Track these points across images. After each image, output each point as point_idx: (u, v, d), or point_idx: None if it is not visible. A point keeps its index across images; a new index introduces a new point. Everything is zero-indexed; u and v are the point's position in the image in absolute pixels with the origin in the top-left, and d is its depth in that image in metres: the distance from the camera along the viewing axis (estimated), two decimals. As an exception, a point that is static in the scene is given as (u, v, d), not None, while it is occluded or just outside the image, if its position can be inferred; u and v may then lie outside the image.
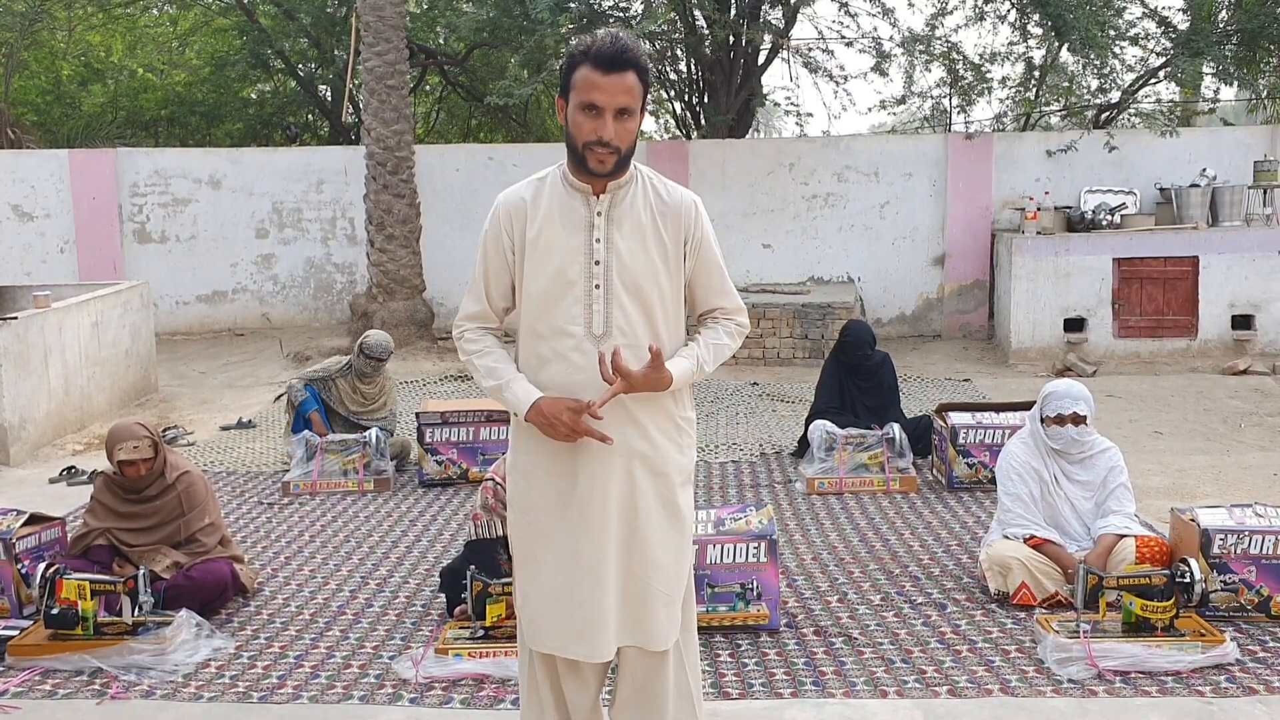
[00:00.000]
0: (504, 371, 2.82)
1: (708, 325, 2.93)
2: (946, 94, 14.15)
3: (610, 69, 2.61)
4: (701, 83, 14.71)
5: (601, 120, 2.63)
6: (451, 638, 4.15)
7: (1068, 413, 4.63)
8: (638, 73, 2.65)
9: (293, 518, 6.11)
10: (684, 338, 2.90)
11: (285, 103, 18.48)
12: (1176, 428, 7.91)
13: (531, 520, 2.86)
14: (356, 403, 7.05)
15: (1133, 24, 12.52)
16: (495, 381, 2.82)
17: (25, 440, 7.44)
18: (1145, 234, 10.54)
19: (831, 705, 3.73)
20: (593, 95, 2.62)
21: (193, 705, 3.83)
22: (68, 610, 4.15)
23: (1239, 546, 4.32)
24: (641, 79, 2.67)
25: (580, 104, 2.65)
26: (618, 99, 2.63)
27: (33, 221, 13.07)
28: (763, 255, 12.66)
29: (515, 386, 2.78)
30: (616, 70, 2.62)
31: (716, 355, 2.89)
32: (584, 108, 2.65)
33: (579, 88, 2.65)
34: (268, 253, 13.31)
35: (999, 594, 4.58)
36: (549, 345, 2.79)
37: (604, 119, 2.63)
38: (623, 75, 2.62)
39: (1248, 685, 3.78)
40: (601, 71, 2.62)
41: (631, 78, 2.64)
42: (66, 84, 17.70)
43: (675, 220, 2.82)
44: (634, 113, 2.67)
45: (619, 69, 2.62)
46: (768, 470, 6.94)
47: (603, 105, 2.63)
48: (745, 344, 10.50)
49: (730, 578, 4.30)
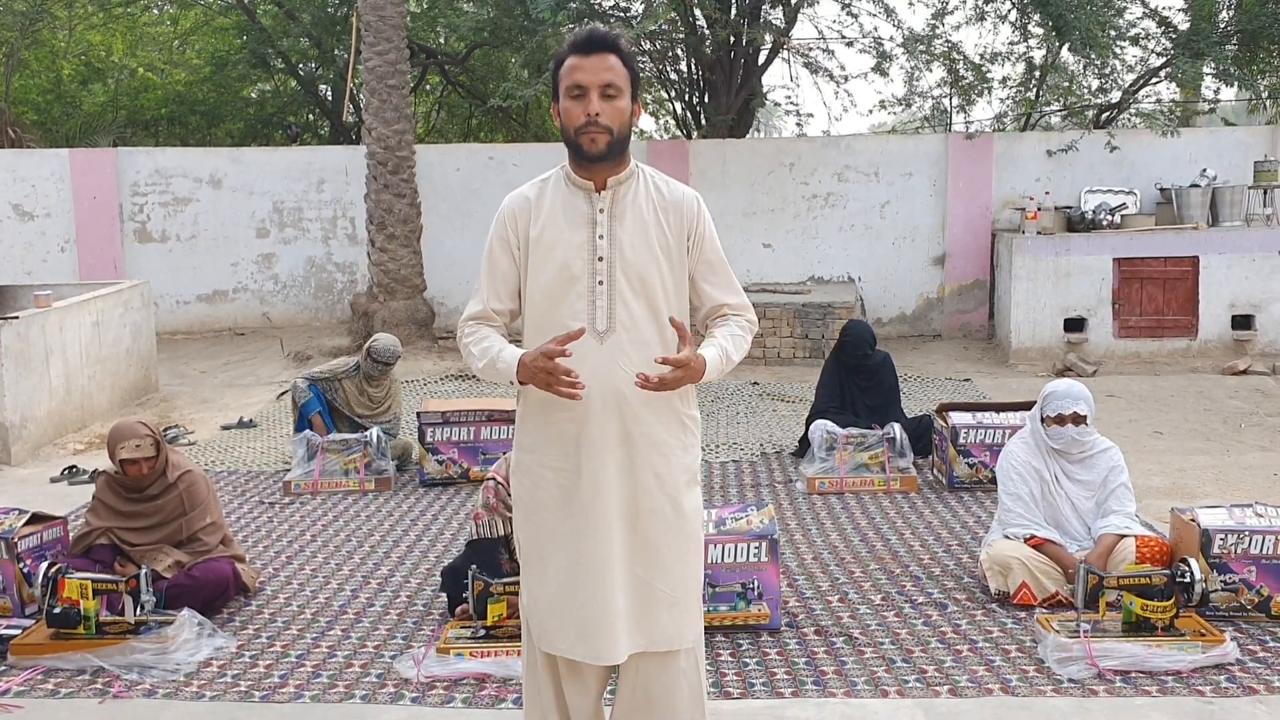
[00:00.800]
0: (493, 347, 2.79)
1: (718, 323, 2.92)
2: (947, 94, 14.15)
3: (589, 51, 2.71)
4: (702, 82, 14.72)
5: (588, 99, 2.69)
6: (453, 637, 4.15)
7: (1068, 412, 4.63)
8: (619, 55, 2.72)
9: (294, 517, 6.12)
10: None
11: (286, 102, 18.48)
12: (1177, 428, 7.91)
13: (537, 520, 2.86)
14: (363, 405, 7.04)
15: (1133, 24, 12.53)
16: (486, 359, 2.79)
17: (26, 439, 7.44)
18: (1145, 234, 10.54)
19: (832, 705, 3.73)
20: (576, 76, 2.70)
21: (194, 704, 3.84)
22: (70, 609, 4.16)
23: (1239, 546, 4.33)
24: (624, 62, 2.73)
25: (567, 90, 2.72)
26: (601, 76, 2.69)
27: (33, 221, 13.07)
28: (763, 255, 12.67)
29: (503, 355, 2.76)
30: (596, 51, 2.70)
31: (737, 347, 2.87)
32: (570, 93, 2.71)
33: (565, 76, 2.73)
34: (268, 252, 13.31)
35: (999, 594, 4.59)
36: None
37: (590, 97, 2.69)
38: (603, 56, 2.70)
39: (1248, 685, 3.78)
40: (581, 55, 2.71)
41: (612, 59, 2.71)
42: (67, 83, 17.70)
43: (678, 215, 2.83)
44: (621, 92, 2.72)
45: (598, 50, 2.71)
46: (768, 470, 6.94)
47: (586, 84, 2.69)
48: (746, 344, 10.51)
49: (731, 577, 4.31)
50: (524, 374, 2.70)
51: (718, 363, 2.78)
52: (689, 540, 2.87)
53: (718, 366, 2.78)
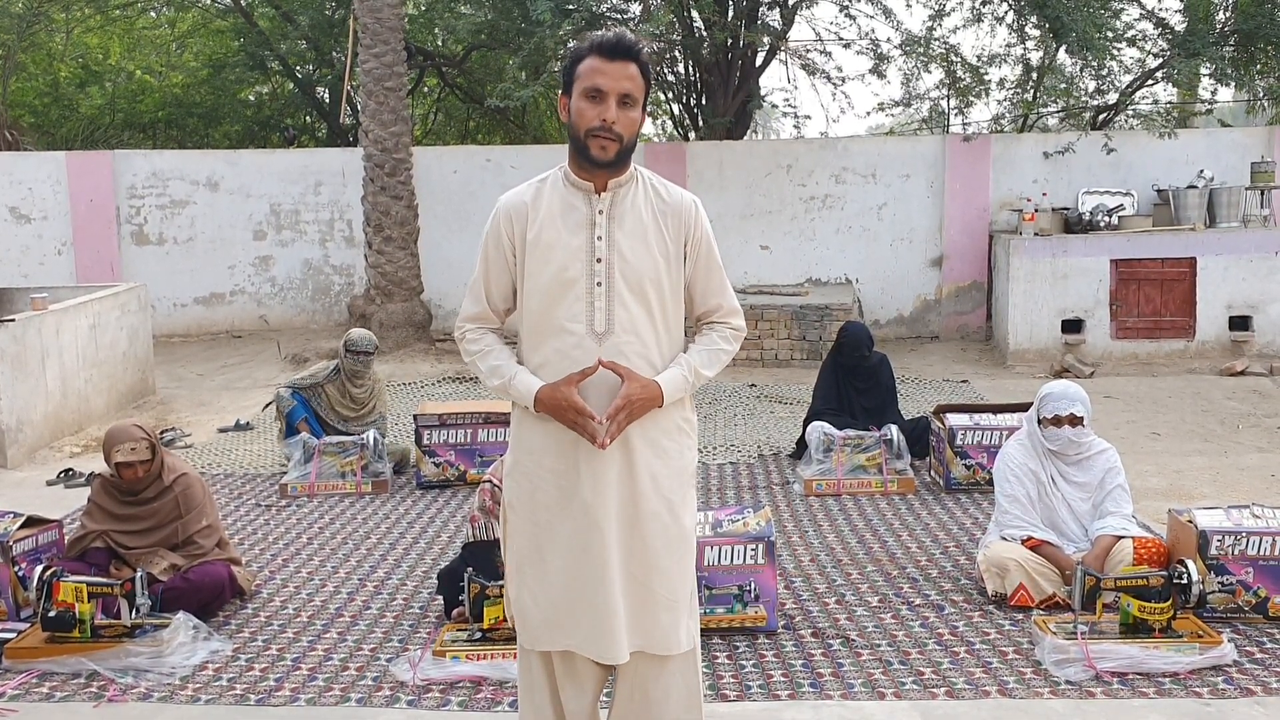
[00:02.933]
0: (507, 369, 2.84)
1: (703, 331, 2.94)
2: (944, 95, 14.15)
3: (614, 56, 2.69)
4: (699, 84, 14.72)
5: (605, 104, 2.69)
6: (449, 640, 4.14)
7: (1064, 414, 4.63)
8: (639, 66, 2.72)
9: (290, 520, 6.11)
10: (684, 336, 2.91)
11: (283, 105, 18.45)
12: (1174, 429, 7.91)
13: (537, 520, 2.85)
14: (347, 407, 7.01)
15: (1130, 25, 12.54)
16: (500, 380, 2.84)
17: (23, 443, 7.43)
18: (1143, 235, 10.54)
19: (829, 707, 3.73)
20: (597, 80, 2.69)
21: (190, 708, 3.83)
22: (65, 613, 4.15)
23: (1236, 548, 4.32)
24: (644, 73, 2.73)
25: (584, 90, 2.70)
26: (621, 84, 2.69)
27: (30, 223, 13.06)
28: (760, 257, 12.66)
29: (519, 380, 2.80)
30: (620, 58, 2.70)
31: (712, 360, 2.89)
32: (588, 94, 2.70)
33: (583, 76, 2.71)
34: (265, 254, 13.30)
35: (997, 595, 4.58)
36: (551, 344, 2.79)
37: (608, 103, 2.69)
38: (626, 64, 2.70)
39: (1245, 686, 3.78)
40: (606, 59, 2.69)
41: (634, 68, 2.71)
42: (64, 86, 17.68)
43: (676, 219, 2.84)
44: (636, 103, 2.72)
45: (622, 57, 2.70)
46: (765, 472, 6.93)
47: (607, 89, 2.68)
48: (743, 345, 10.36)
49: (728, 579, 4.30)
50: (543, 408, 2.75)
51: (681, 383, 2.80)
52: (684, 543, 2.87)
53: (681, 387, 2.80)
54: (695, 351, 2.88)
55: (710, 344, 2.90)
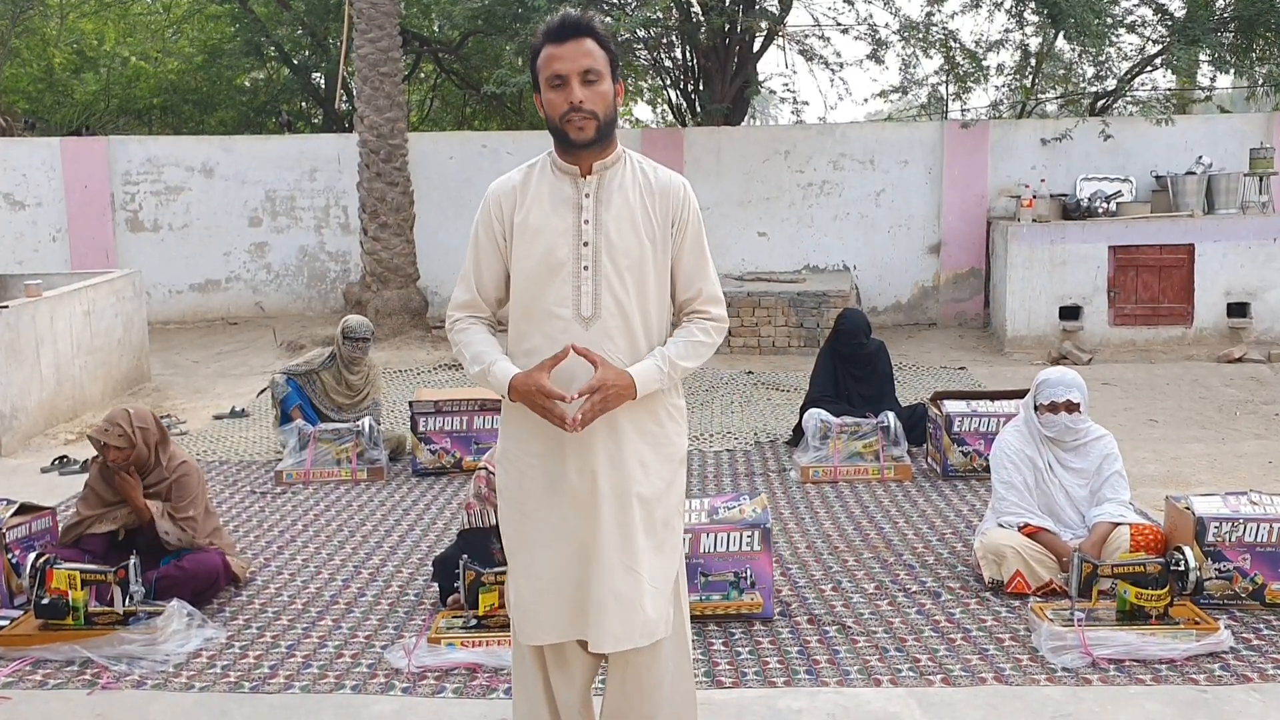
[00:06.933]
0: (487, 355, 2.80)
1: (682, 324, 2.89)
2: (943, 82, 14.10)
3: (565, 38, 2.68)
4: (697, 70, 14.66)
5: (569, 88, 2.67)
6: (444, 627, 4.13)
7: (1061, 400, 4.62)
8: (594, 38, 2.69)
9: (285, 507, 6.09)
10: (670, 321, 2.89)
11: (279, 91, 18.39)
12: (1172, 415, 7.90)
13: (525, 509, 2.83)
14: (342, 394, 6.99)
15: (1129, 11, 12.49)
16: (480, 366, 2.81)
17: (17, 430, 7.41)
18: (1141, 222, 10.52)
19: (825, 694, 3.72)
20: (554, 66, 2.68)
21: (184, 695, 3.82)
22: (58, 600, 4.13)
23: (1234, 534, 4.31)
24: (601, 44, 2.70)
25: (547, 80, 2.70)
26: (579, 62, 2.67)
27: (24, 210, 13.01)
28: (758, 243, 12.64)
29: (496, 368, 2.77)
30: (571, 37, 2.68)
31: (689, 352, 2.82)
32: (551, 83, 2.69)
33: (543, 67, 2.71)
34: (261, 241, 13.27)
35: (993, 582, 4.57)
36: (538, 328, 2.77)
37: (570, 85, 2.67)
38: (579, 41, 2.68)
39: (1242, 673, 3.77)
40: (558, 43, 2.68)
41: (589, 43, 2.68)
42: (59, 72, 17.61)
43: (664, 201, 2.81)
44: (602, 76, 2.69)
45: (573, 36, 2.68)
46: (762, 459, 6.92)
47: (566, 72, 2.67)
48: (740, 332, 10.49)
49: (724, 566, 4.29)
50: (517, 397, 2.72)
51: (655, 374, 2.75)
52: (672, 531, 2.85)
53: (655, 378, 2.75)
54: (672, 343, 2.82)
55: (689, 335, 2.84)
